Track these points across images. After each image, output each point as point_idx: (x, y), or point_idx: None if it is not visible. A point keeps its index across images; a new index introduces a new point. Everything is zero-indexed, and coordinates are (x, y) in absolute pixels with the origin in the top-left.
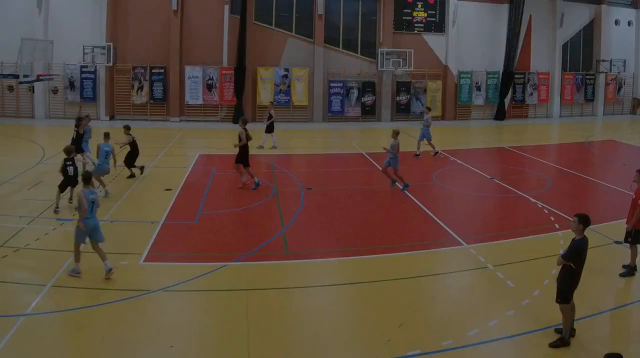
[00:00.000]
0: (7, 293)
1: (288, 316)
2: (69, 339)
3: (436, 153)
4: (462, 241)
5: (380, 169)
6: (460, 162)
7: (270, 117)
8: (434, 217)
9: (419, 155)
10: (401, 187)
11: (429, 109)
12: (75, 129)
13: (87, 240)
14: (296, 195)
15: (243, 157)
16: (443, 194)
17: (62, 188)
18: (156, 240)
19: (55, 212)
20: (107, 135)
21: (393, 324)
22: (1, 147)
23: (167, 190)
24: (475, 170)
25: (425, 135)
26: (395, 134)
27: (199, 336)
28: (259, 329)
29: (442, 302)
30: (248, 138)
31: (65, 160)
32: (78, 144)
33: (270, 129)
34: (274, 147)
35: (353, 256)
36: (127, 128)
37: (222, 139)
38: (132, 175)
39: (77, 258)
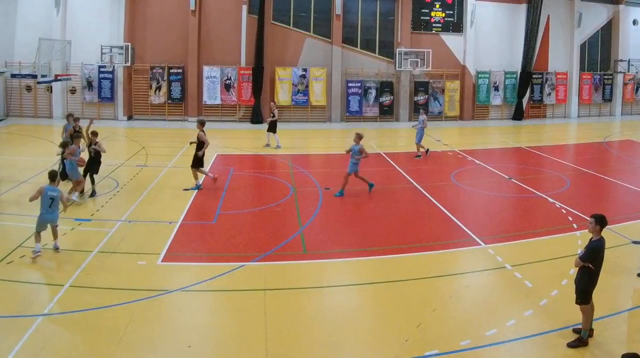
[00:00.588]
0: (25, 293)
1: (306, 316)
2: (87, 339)
3: (418, 156)
4: (480, 241)
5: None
6: (478, 162)
7: (273, 116)
8: (452, 217)
9: (419, 156)
10: (336, 193)
11: (424, 110)
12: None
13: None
14: (314, 195)
15: (200, 159)
16: (461, 194)
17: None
18: (174, 240)
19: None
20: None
21: (411, 324)
22: (19, 147)
23: (185, 190)
24: (493, 170)
25: (418, 136)
26: (359, 137)
27: (216, 336)
28: (276, 329)
29: (460, 302)
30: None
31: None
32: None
33: (273, 129)
34: (277, 147)
35: (371, 256)
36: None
37: (240, 139)
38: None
39: (37, 240)
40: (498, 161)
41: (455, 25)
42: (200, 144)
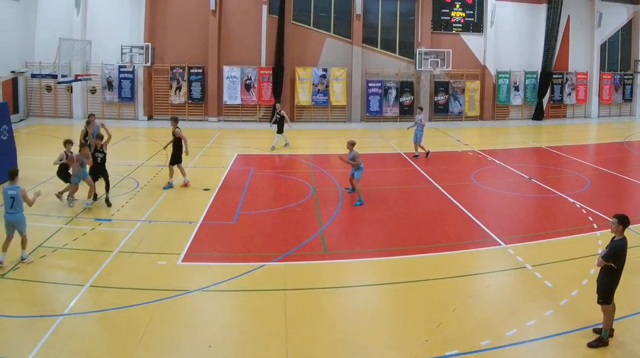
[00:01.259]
0: (46, 293)
1: (326, 316)
2: (107, 339)
3: (416, 155)
4: (500, 241)
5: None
6: (498, 162)
7: (280, 117)
8: (472, 217)
9: (417, 155)
10: (355, 203)
11: (421, 109)
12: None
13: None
14: (334, 195)
15: (178, 157)
16: (481, 194)
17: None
18: (194, 240)
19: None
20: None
21: (431, 324)
22: (39, 147)
23: (205, 190)
24: (514, 170)
25: (418, 136)
26: (351, 145)
27: (237, 336)
28: (297, 329)
29: (481, 302)
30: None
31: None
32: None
33: (280, 130)
34: (286, 145)
35: (391, 256)
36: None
37: (261, 139)
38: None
39: (4, 248)
40: (518, 161)
41: (476, 25)
42: (178, 141)
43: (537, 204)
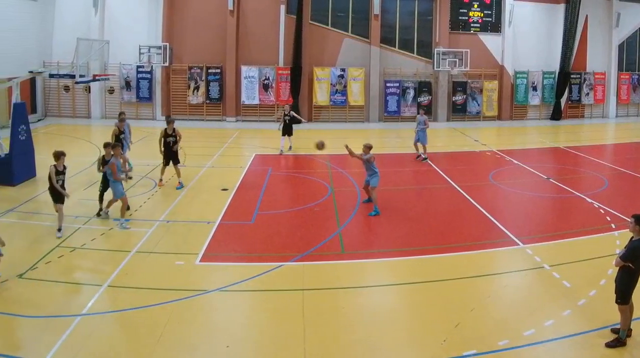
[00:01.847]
0: (64, 293)
1: (344, 316)
2: (125, 339)
3: (418, 156)
4: (518, 241)
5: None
6: (516, 162)
7: (292, 118)
8: (490, 217)
9: (420, 157)
10: (370, 213)
11: (423, 109)
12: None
13: None
14: (352, 195)
15: (175, 156)
16: (499, 194)
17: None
18: (212, 240)
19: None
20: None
21: (449, 324)
22: (57, 147)
23: (223, 190)
24: (532, 170)
25: (421, 138)
26: (367, 148)
27: (255, 336)
28: (315, 329)
29: (499, 301)
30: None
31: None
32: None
33: (290, 131)
34: (290, 148)
35: (409, 256)
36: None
37: (278, 139)
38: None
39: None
40: (536, 161)
41: (494, 25)
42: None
43: (555, 204)
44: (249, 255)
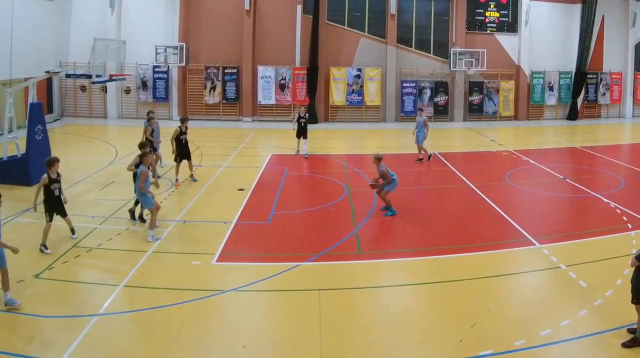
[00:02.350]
0: (80, 293)
1: (360, 316)
2: (142, 339)
3: (430, 157)
4: (534, 241)
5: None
6: (532, 162)
7: (305, 121)
8: (506, 216)
9: (427, 157)
10: (387, 213)
11: (422, 110)
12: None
13: None
14: (369, 195)
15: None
16: (516, 194)
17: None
18: (229, 240)
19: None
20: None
21: (465, 324)
22: (74, 147)
23: (239, 190)
24: (548, 170)
25: (419, 138)
26: (377, 159)
27: (271, 336)
28: (331, 329)
29: (515, 301)
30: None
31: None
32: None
33: (305, 134)
34: (305, 155)
35: (425, 256)
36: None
37: (295, 139)
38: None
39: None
40: (552, 161)
41: (510, 25)
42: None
43: (572, 204)
44: (266, 255)
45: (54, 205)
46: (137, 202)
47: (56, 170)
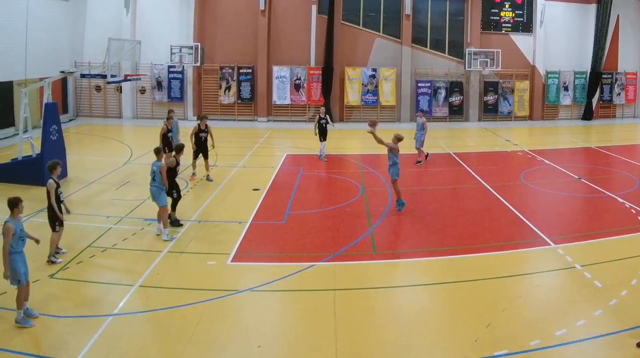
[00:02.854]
0: (96, 293)
1: (375, 316)
2: (157, 339)
3: (418, 161)
4: (549, 241)
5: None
6: (547, 162)
7: (327, 122)
8: (521, 216)
9: (420, 162)
10: (399, 208)
11: (422, 112)
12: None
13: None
14: (383, 195)
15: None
16: (531, 194)
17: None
18: (244, 240)
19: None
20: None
21: (481, 324)
22: (89, 147)
23: (254, 190)
24: (563, 170)
25: (418, 140)
26: (398, 139)
27: (286, 336)
28: (346, 329)
29: (530, 302)
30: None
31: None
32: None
33: (325, 136)
34: (323, 158)
35: (440, 256)
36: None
37: (310, 139)
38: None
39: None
40: (567, 161)
41: (525, 25)
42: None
43: (587, 204)
44: (281, 255)
45: (61, 211)
46: (173, 207)
47: (57, 174)
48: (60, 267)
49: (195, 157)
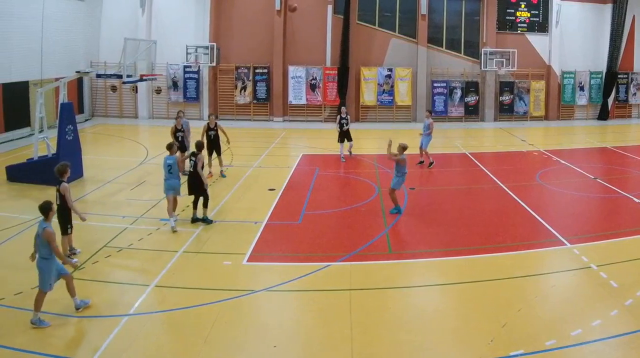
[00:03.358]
0: (111, 293)
1: (391, 316)
2: (172, 339)
3: (421, 162)
4: (565, 241)
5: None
6: (563, 162)
7: (347, 121)
8: (537, 217)
9: (427, 162)
10: (391, 210)
11: (430, 113)
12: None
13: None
14: (399, 195)
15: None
16: (546, 194)
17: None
18: (259, 240)
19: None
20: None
21: (496, 324)
22: (105, 147)
23: (270, 190)
24: (579, 170)
25: (423, 142)
26: (403, 149)
27: (302, 336)
28: (362, 329)
29: (546, 302)
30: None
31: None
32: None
33: (349, 137)
34: (350, 154)
35: (456, 256)
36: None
37: (326, 139)
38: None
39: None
40: (583, 161)
41: (541, 25)
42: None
43: (602, 204)
44: (296, 255)
45: (69, 220)
46: (195, 206)
47: (67, 177)
48: (76, 267)
49: (209, 155)
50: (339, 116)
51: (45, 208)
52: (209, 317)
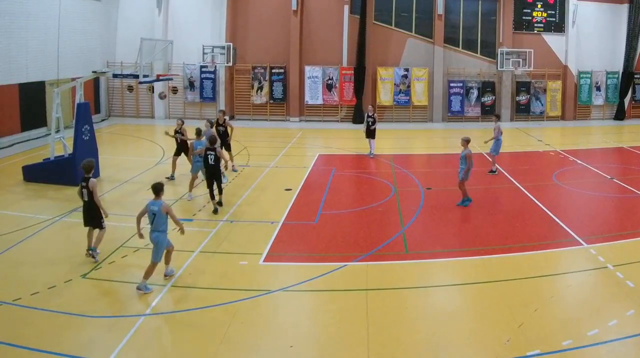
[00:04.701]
0: (128, 293)
1: (407, 316)
2: (188, 339)
3: (493, 171)
4: (581, 241)
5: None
6: (580, 162)
7: (374, 120)
8: (553, 216)
9: (490, 167)
10: (459, 202)
11: (467, 141)
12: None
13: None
14: (416, 195)
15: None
16: (563, 194)
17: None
18: (276, 240)
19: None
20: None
21: (513, 324)
22: (121, 147)
23: (287, 190)
24: (595, 170)
25: (493, 148)
26: (466, 141)
27: (318, 336)
28: (378, 329)
29: (562, 302)
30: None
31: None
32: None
33: (373, 135)
34: (371, 155)
35: (472, 256)
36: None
37: (342, 139)
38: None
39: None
40: (600, 161)
41: (557, 25)
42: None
43: (619, 204)
44: (313, 255)
45: (99, 214)
46: (212, 196)
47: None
48: (92, 267)
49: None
50: (366, 114)
51: (157, 188)
52: (225, 317)
